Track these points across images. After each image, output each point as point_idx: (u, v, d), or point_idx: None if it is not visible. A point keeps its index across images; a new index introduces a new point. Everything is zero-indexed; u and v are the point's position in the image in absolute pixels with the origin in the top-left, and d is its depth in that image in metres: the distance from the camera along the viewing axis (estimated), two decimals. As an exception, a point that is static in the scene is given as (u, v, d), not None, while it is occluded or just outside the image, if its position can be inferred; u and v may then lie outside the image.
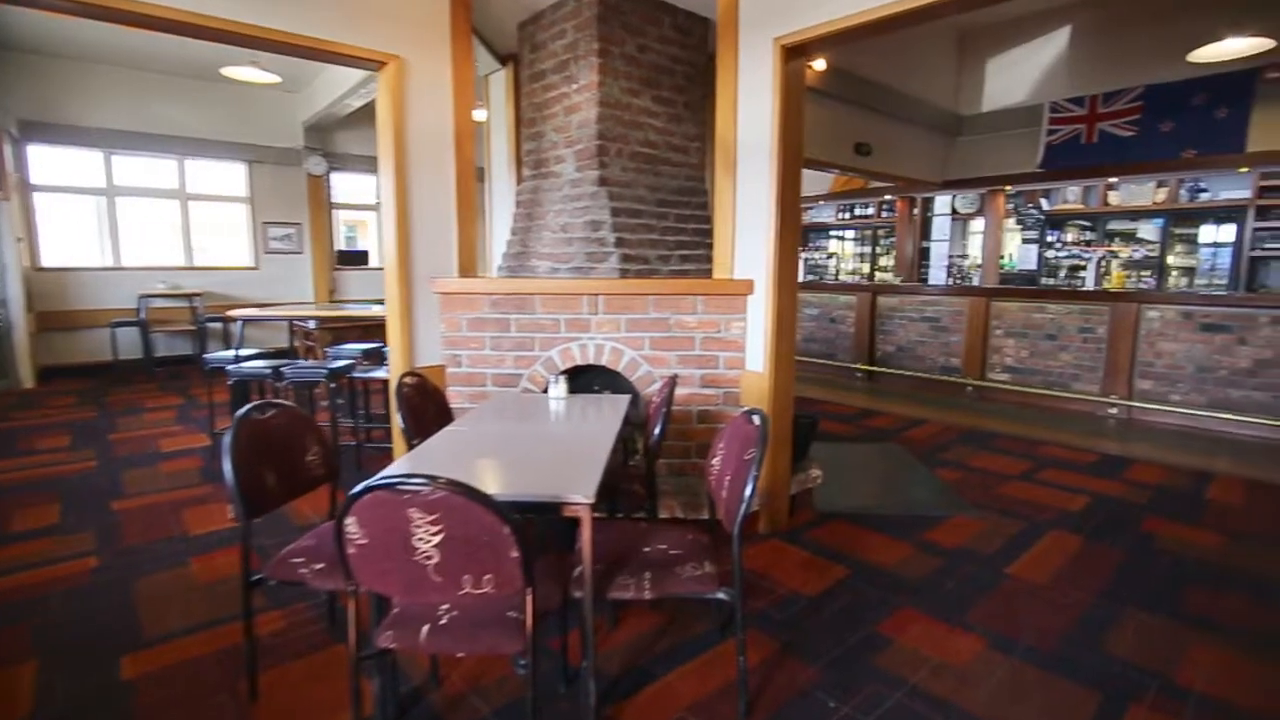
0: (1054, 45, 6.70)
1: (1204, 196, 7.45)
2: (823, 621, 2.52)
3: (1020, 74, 7.00)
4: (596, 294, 3.32)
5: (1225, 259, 7.44)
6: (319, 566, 1.94)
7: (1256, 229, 7.09)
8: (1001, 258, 8.46)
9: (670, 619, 2.50)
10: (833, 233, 10.35)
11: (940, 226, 8.73)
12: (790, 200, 3.22)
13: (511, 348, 3.39)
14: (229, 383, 4.31)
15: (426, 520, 1.42)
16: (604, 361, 3.38)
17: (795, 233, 3.30)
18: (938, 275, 8.81)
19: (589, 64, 3.58)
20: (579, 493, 1.69)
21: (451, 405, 3.37)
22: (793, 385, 3.42)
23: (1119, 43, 6.25)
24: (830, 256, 10.44)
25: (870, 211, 9.52)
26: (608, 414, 2.59)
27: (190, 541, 3.17)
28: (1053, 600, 2.68)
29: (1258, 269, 7.18)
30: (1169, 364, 5.62)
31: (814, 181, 8.77)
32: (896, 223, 8.45)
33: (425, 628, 1.60)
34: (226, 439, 1.89)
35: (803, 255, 8.73)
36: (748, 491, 1.82)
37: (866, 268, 9.85)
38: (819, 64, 5.51)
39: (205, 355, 5.21)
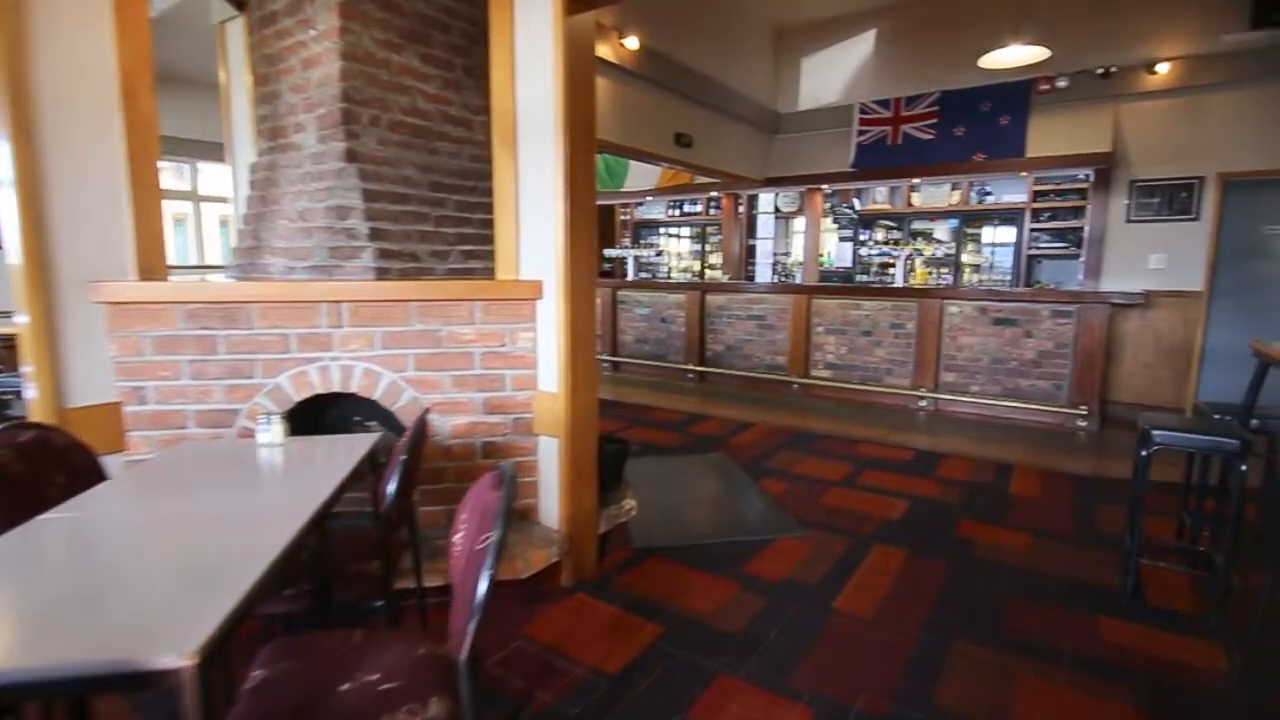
0: (862, 47, 6.86)
1: (989, 199, 8.13)
2: (627, 709, 2.00)
3: (833, 74, 7.11)
4: (339, 301, 2.55)
5: (1006, 258, 8.18)
6: None
7: (1031, 229, 7.84)
8: (821, 256, 8.69)
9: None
10: (664, 230, 10.17)
11: (765, 224, 8.82)
12: (583, 185, 2.67)
13: (222, 375, 2.52)
14: None
15: None
16: (354, 387, 2.63)
17: (590, 224, 2.76)
18: (764, 273, 8.90)
19: (326, 2, 2.78)
20: (173, 649, 0.99)
21: (136, 457, 2.44)
22: (595, 405, 2.89)
23: (919, 47, 6.51)
24: (659, 253, 10.24)
25: (699, 208, 9.43)
26: (339, 464, 1.88)
27: None
28: (881, 640, 2.39)
29: (1033, 266, 7.95)
30: (969, 357, 5.90)
31: (644, 176, 8.44)
32: (723, 220, 8.37)
33: None
34: None
35: (634, 253, 8.41)
36: (479, 594, 1.22)
37: (698, 265, 9.78)
38: (632, 42, 5.07)
39: None
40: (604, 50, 4.87)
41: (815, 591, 2.74)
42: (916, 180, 7.34)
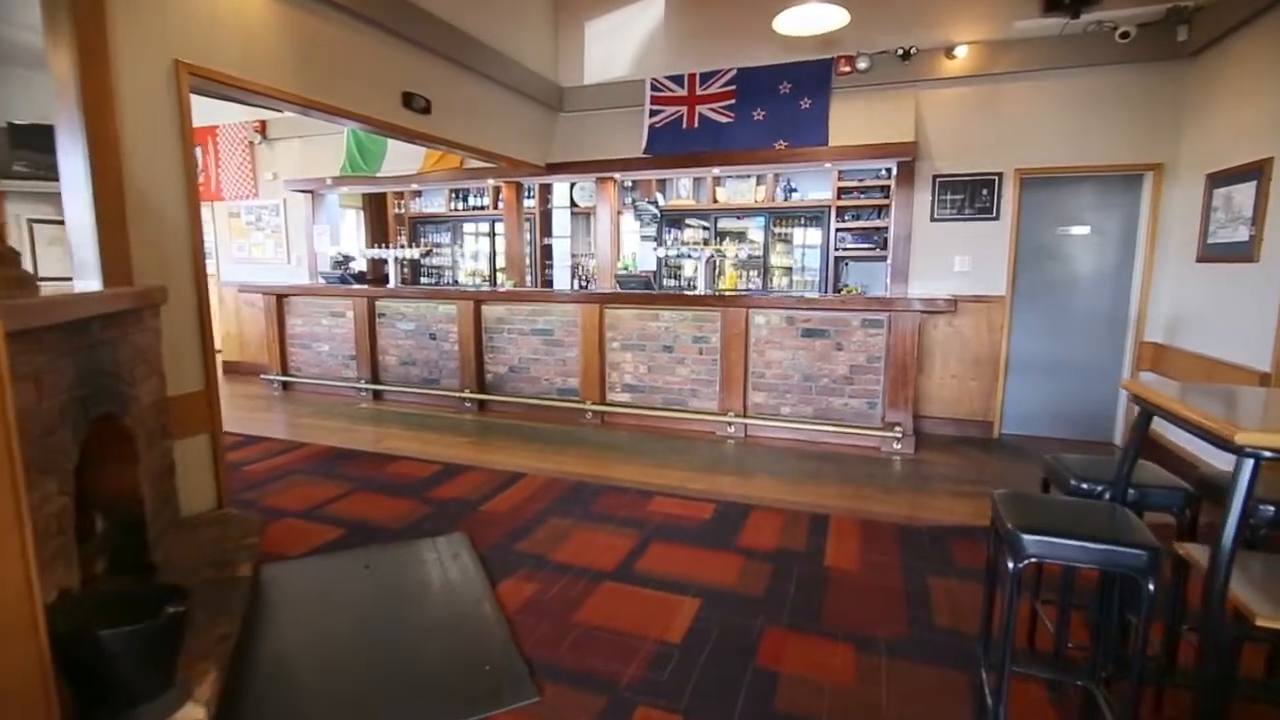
0: (652, 12, 5.87)
1: (796, 196, 7.61)
2: None
3: (620, 43, 6.05)
4: None
5: (815, 259, 7.72)
6: None
7: (837, 229, 7.41)
8: (623, 259, 7.67)
9: None
10: (446, 226, 8.60)
11: (561, 221, 7.63)
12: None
13: None
14: None
15: None
16: None
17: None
18: (564, 278, 7.72)
19: None
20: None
21: None
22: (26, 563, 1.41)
23: (713, 15, 5.63)
24: (427, 253, 8.60)
25: (485, 201, 8.00)
26: None
27: None
28: None
29: (840, 269, 7.54)
30: (778, 374, 5.09)
31: (407, 157, 6.83)
32: (505, 214, 7.03)
33: None
34: None
35: (395, 253, 6.80)
36: None
37: (486, 269, 8.36)
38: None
39: None
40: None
41: None
42: (717, 170, 6.52)
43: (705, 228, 7.98)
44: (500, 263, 8.23)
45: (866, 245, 7.41)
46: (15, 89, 7.08)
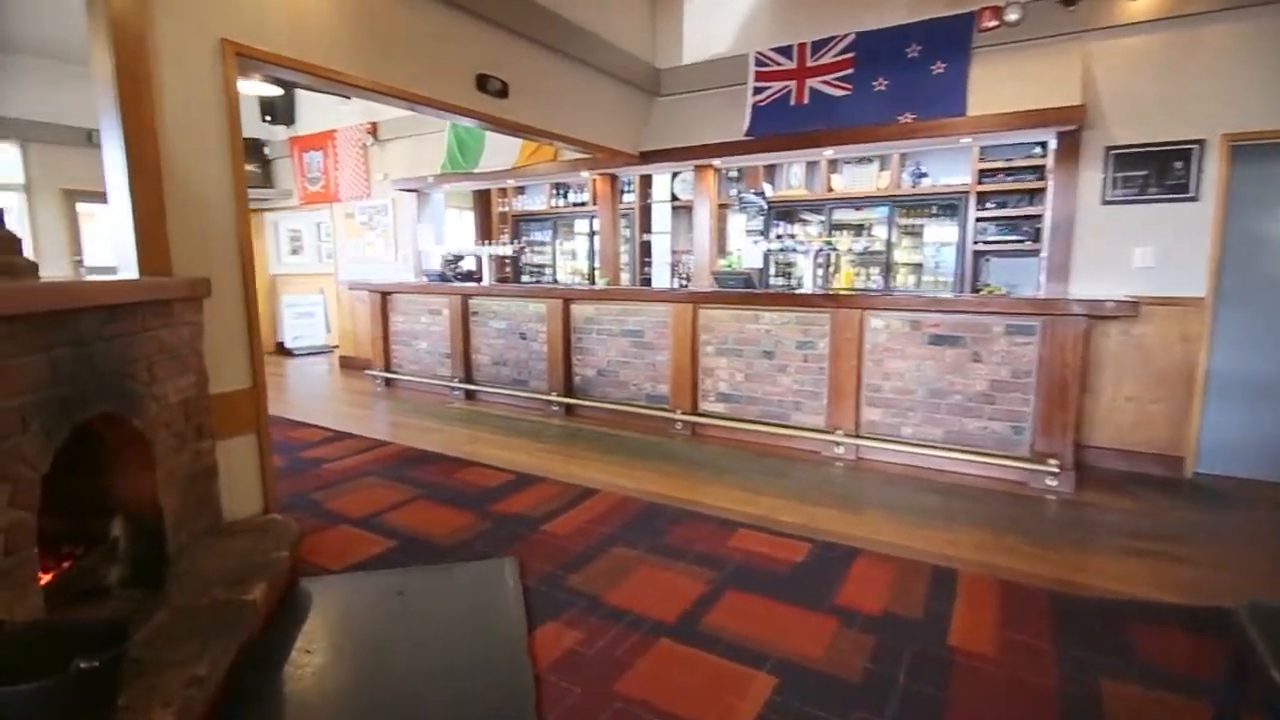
0: (758, -20, 5.28)
1: (925, 182, 6.65)
2: None
3: (723, 17, 5.50)
4: None
5: (949, 255, 6.71)
6: None
7: (977, 219, 6.38)
8: (728, 255, 7.08)
9: None
10: (547, 223, 8.41)
11: (661, 215, 7.16)
12: None
13: None
14: None
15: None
16: None
17: None
18: (663, 277, 7.26)
19: None
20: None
21: None
22: None
23: (826, -25, 4.95)
24: (520, 251, 8.46)
25: (585, 197, 7.71)
26: None
27: None
28: None
29: (980, 265, 6.50)
30: (899, 387, 4.32)
31: (504, 151, 6.68)
32: (599, 209, 6.69)
33: None
34: None
35: (489, 250, 6.67)
36: None
37: (586, 267, 8.08)
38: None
39: None
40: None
41: None
42: (829, 152, 5.74)
43: (821, 220, 7.20)
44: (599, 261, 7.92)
45: (1014, 238, 6.32)
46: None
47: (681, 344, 5.08)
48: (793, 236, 6.29)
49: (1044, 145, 5.63)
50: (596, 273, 7.58)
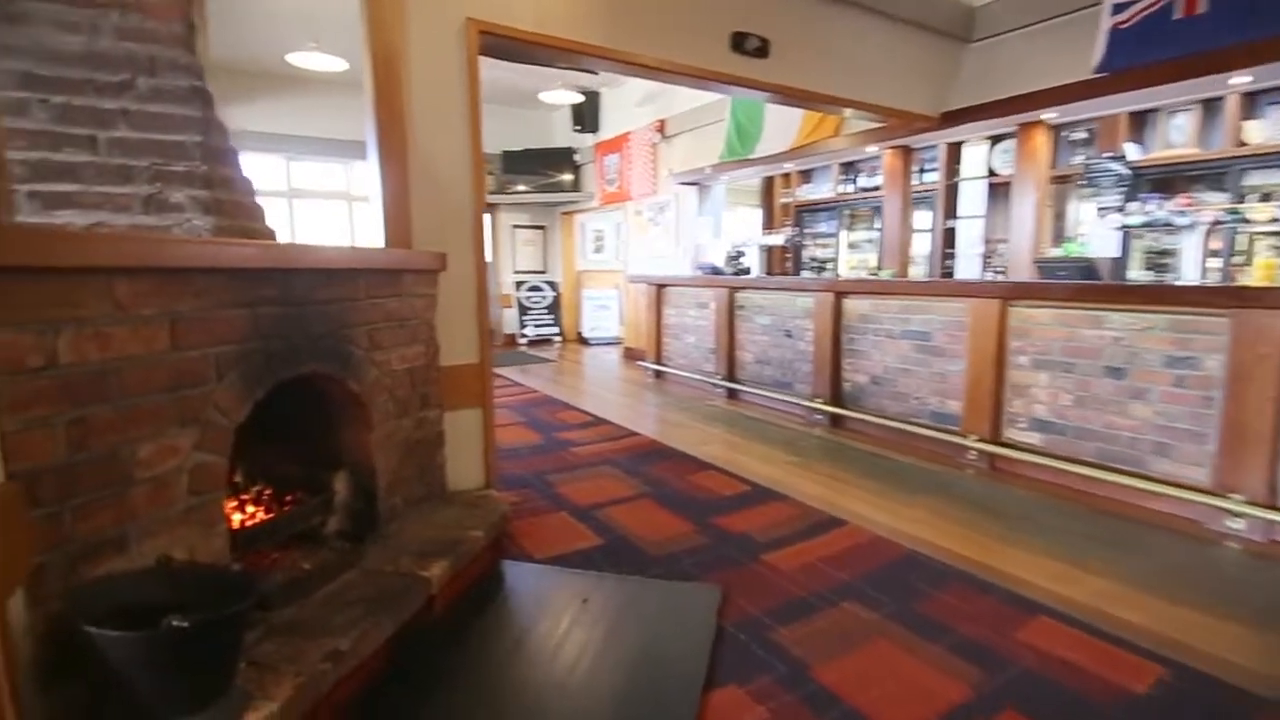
0: None
1: None
2: None
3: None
4: None
5: None
6: None
7: None
8: (1070, 240, 5.44)
9: None
10: (833, 212, 7.55)
11: (971, 195, 5.75)
12: None
13: None
14: None
15: None
16: None
17: None
18: (970, 270, 5.88)
19: None
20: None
21: None
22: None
23: None
24: (794, 238, 7.65)
25: (878, 181, 6.65)
26: None
27: None
28: None
29: None
30: (1364, 439, 2.67)
31: (778, 133, 6.17)
32: (885, 191, 5.63)
33: None
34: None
35: (763, 240, 6.16)
36: None
37: (873, 260, 7.01)
38: None
39: None
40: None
41: None
42: (1244, 78, 3.83)
43: (1225, 195, 5.07)
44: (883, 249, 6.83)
45: None
46: (505, 123, 8.78)
47: (982, 351, 3.96)
48: (1170, 210, 4.46)
49: None
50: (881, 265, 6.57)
